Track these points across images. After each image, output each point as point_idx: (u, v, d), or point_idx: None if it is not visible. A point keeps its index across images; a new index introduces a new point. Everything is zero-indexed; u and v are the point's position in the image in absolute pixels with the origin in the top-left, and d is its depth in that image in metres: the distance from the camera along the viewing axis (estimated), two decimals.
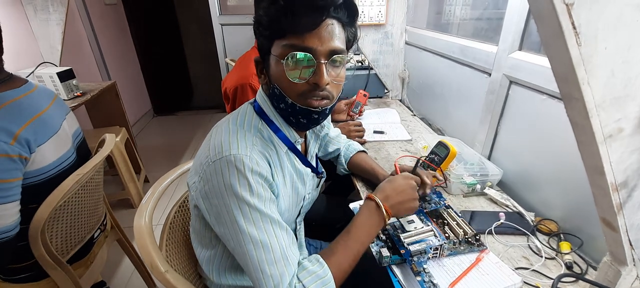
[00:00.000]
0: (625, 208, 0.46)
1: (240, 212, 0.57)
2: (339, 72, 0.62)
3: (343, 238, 0.67)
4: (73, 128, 1.06)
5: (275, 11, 0.57)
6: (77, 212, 0.99)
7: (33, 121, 0.85)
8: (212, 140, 0.62)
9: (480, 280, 0.66)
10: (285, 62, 0.57)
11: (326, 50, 0.58)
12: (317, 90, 0.60)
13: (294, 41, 0.57)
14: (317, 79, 0.58)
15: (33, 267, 0.93)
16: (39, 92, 0.96)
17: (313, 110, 0.62)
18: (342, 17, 0.60)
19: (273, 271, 0.57)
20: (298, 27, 0.56)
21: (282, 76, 0.59)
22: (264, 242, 0.57)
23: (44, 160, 0.87)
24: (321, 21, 0.57)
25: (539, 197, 0.91)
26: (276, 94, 0.63)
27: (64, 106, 1.05)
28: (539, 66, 0.86)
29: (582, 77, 0.34)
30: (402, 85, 1.86)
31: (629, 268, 0.53)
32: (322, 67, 0.58)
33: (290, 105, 0.62)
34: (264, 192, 0.59)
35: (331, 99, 0.63)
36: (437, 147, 0.98)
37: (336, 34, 0.59)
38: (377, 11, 1.68)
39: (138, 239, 0.69)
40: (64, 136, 0.97)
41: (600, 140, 0.39)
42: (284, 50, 0.58)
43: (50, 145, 0.89)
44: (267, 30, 0.60)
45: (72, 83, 1.83)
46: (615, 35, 0.33)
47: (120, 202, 2.12)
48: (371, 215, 0.69)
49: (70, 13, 2.13)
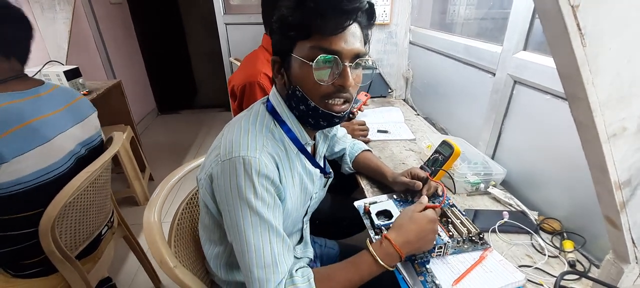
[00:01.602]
0: (628, 206, 0.46)
1: (241, 213, 0.59)
2: (359, 73, 0.63)
3: (344, 268, 0.65)
4: (88, 134, 1.03)
5: (303, 13, 0.58)
6: (86, 208, 1.01)
7: (16, 130, 0.81)
8: (224, 139, 0.63)
9: (484, 278, 0.67)
10: (314, 63, 0.58)
11: (351, 52, 0.59)
12: (342, 91, 0.61)
13: (321, 43, 0.58)
14: (343, 81, 0.59)
15: (43, 263, 0.95)
16: (53, 95, 0.95)
17: (335, 115, 0.63)
18: (363, 21, 0.62)
19: (260, 275, 0.59)
20: (325, 29, 0.57)
21: (307, 78, 0.60)
22: (257, 246, 0.59)
23: (21, 171, 0.82)
24: (348, 25, 0.58)
25: (543, 196, 0.92)
26: (297, 95, 0.63)
27: (83, 111, 1.02)
28: (544, 66, 0.86)
29: (586, 77, 0.34)
30: (406, 84, 1.87)
31: (631, 266, 0.53)
32: (348, 70, 0.59)
33: (312, 108, 0.63)
34: (268, 196, 0.60)
35: (350, 101, 0.65)
36: (441, 147, 0.98)
37: (358, 36, 0.61)
38: (382, 11, 1.69)
39: (147, 235, 0.70)
40: (57, 147, 0.91)
41: (604, 139, 0.39)
42: (311, 52, 0.58)
43: (34, 155, 0.84)
44: (292, 31, 0.60)
45: (78, 81, 1.85)
46: (621, 36, 0.34)
47: (126, 200, 2.14)
48: (385, 256, 0.64)
49: (76, 12, 2.15)
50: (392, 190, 0.96)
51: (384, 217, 0.85)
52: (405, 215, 0.70)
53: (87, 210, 1.02)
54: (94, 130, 1.07)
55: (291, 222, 0.74)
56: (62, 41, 2.11)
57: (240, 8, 2.55)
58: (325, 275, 0.64)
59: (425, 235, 0.67)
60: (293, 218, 0.73)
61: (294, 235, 0.82)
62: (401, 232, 0.67)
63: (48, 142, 0.88)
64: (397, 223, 0.69)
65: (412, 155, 1.22)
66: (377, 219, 0.84)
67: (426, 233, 0.67)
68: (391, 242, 0.65)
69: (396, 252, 0.64)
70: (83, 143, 1.02)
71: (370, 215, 0.84)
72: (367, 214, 0.86)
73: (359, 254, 0.66)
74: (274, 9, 0.68)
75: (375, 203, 0.90)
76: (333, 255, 1.01)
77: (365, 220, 0.85)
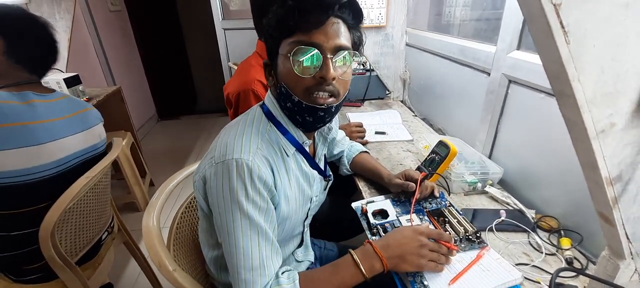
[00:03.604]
0: (620, 201, 0.47)
1: (232, 215, 0.59)
2: (345, 70, 0.64)
3: (327, 271, 0.66)
4: (90, 143, 1.03)
5: (284, 12, 0.60)
6: (85, 214, 1.02)
7: (10, 126, 0.83)
8: (219, 142, 0.64)
9: (482, 276, 0.67)
10: (292, 56, 0.59)
11: (332, 46, 0.60)
12: (324, 84, 0.61)
13: (301, 38, 0.60)
14: (324, 72, 0.60)
15: (43, 268, 0.96)
16: (59, 104, 0.95)
17: (319, 108, 0.63)
18: (347, 18, 0.63)
19: (247, 277, 0.59)
20: (305, 24, 0.59)
21: (289, 72, 0.61)
22: (246, 248, 0.59)
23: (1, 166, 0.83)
24: (327, 18, 0.60)
25: (540, 194, 0.92)
26: (283, 92, 0.64)
27: (88, 121, 1.03)
28: (537, 65, 0.87)
29: (572, 74, 0.35)
30: (403, 86, 1.88)
31: (627, 262, 0.53)
32: (329, 62, 0.60)
33: (296, 103, 0.63)
34: (260, 199, 0.60)
35: (337, 96, 0.65)
36: (438, 147, 0.99)
37: (342, 32, 0.62)
38: (378, 13, 1.70)
39: (146, 239, 0.71)
40: (47, 152, 0.90)
41: (593, 135, 0.40)
42: (291, 46, 0.60)
43: (16, 154, 0.84)
44: (276, 32, 0.62)
45: (78, 88, 1.86)
46: (603, 34, 0.34)
47: (126, 206, 2.14)
48: (364, 259, 0.65)
49: (76, 20, 2.18)
50: (389, 191, 0.96)
51: (381, 217, 0.86)
52: (391, 231, 0.72)
53: (87, 215, 1.03)
54: (98, 139, 1.07)
55: (291, 225, 0.74)
56: (62, 49, 2.10)
57: (239, 13, 2.57)
58: (309, 278, 0.64)
59: (407, 242, 0.66)
60: (292, 222, 0.73)
61: (295, 238, 0.82)
62: (383, 237, 0.69)
63: (38, 146, 0.88)
64: (385, 234, 0.71)
65: (409, 156, 1.23)
66: (374, 218, 0.84)
67: (408, 241, 0.66)
68: (372, 245, 0.66)
69: (376, 254, 0.65)
70: (85, 150, 1.01)
71: (367, 216, 0.85)
72: (364, 215, 0.86)
73: (343, 257, 0.67)
74: (262, 14, 0.69)
75: (372, 202, 0.91)
76: (332, 257, 1.01)
77: (363, 221, 0.85)
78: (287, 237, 0.78)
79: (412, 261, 0.65)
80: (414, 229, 0.68)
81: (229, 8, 2.51)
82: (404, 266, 0.65)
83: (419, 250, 0.65)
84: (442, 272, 0.68)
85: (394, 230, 0.71)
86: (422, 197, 0.90)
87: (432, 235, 0.68)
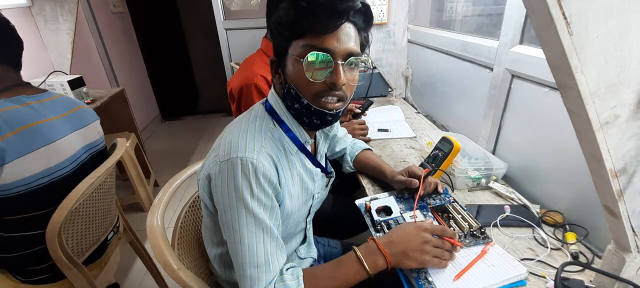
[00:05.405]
0: (625, 194, 0.46)
1: (237, 213, 0.59)
2: (354, 74, 0.64)
3: (331, 267, 0.66)
4: (90, 140, 1.05)
5: (296, 12, 0.59)
6: (91, 214, 1.03)
7: (19, 131, 0.83)
8: (223, 140, 0.64)
9: (487, 271, 0.67)
10: (304, 61, 0.59)
11: (344, 51, 0.60)
12: (334, 90, 0.62)
13: (313, 41, 0.59)
14: (335, 78, 0.60)
15: (50, 269, 0.97)
16: (55, 103, 0.97)
17: (328, 113, 0.64)
18: (359, 22, 0.63)
19: (252, 273, 0.60)
20: (318, 28, 0.58)
21: (299, 76, 0.61)
22: (251, 245, 0.60)
23: (26, 171, 0.84)
24: (341, 24, 0.59)
25: (544, 189, 0.91)
26: (291, 94, 0.64)
27: (85, 118, 1.04)
28: (540, 59, 0.86)
29: (575, 65, 0.35)
30: (406, 83, 1.87)
31: (633, 255, 0.53)
32: (340, 68, 0.60)
33: (305, 105, 0.64)
34: (264, 197, 0.60)
35: (345, 100, 0.65)
36: (441, 143, 0.99)
37: (353, 37, 0.61)
38: (379, 11, 1.69)
39: (151, 238, 0.71)
40: (61, 148, 0.93)
41: (597, 127, 0.40)
42: (304, 50, 0.60)
43: (38, 155, 0.86)
44: (286, 31, 0.62)
45: (82, 90, 1.87)
46: (606, 24, 0.34)
47: (131, 206, 2.16)
48: (368, 256, 0.65)
49: (78, 22, 2.18)
50: (393, 188, 0.96)
51: (384, 214, 0.86)
52: (399, 225, 0.71)
53: (93, 215, 1.04)
54: (98, 136, 1.09)
55: (294, 222, 0.74)
56: (66, 51, 2.14)
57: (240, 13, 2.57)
58: (313, 274, 0.65)
59: (411, 239, 0.65)
60: (295, 218, 0.74)
61: (298, 235, 0.83)
62: (387, 234, 0.69)
63: (52, 143, 0.90)
64: (389, 231, 0.71)
65: (413, 153, 1.22)
66: (377, 215, 0.84)
67: (411, 237, 0.65)
68: (375, 241, 0.66)
69: (379, 251, 0.65)
70: (86, 147, 1.04)
71: (371, 213, 0.85)
72: (368, 212, 0.86)
73: (346, 254, 0.67)
74: (273, 11, 0.69)
75: (376, 199, 0.91)
76: (336, 255, 1.01)
77: (366, 218, 0.85)
78: (291, 234, 0.78)
79: (416, 257, 0.64)
80: (418, 225, 0.68)
81: (230, 8, 2.52)
82: (408, 262, 0.65)
83: (423, 247, 0.65)
84: (446, 268, 0.68)
85: (398, 226, 0.70)
86: (426, 193, 0.90)
87: (435, 231, 0.68)
